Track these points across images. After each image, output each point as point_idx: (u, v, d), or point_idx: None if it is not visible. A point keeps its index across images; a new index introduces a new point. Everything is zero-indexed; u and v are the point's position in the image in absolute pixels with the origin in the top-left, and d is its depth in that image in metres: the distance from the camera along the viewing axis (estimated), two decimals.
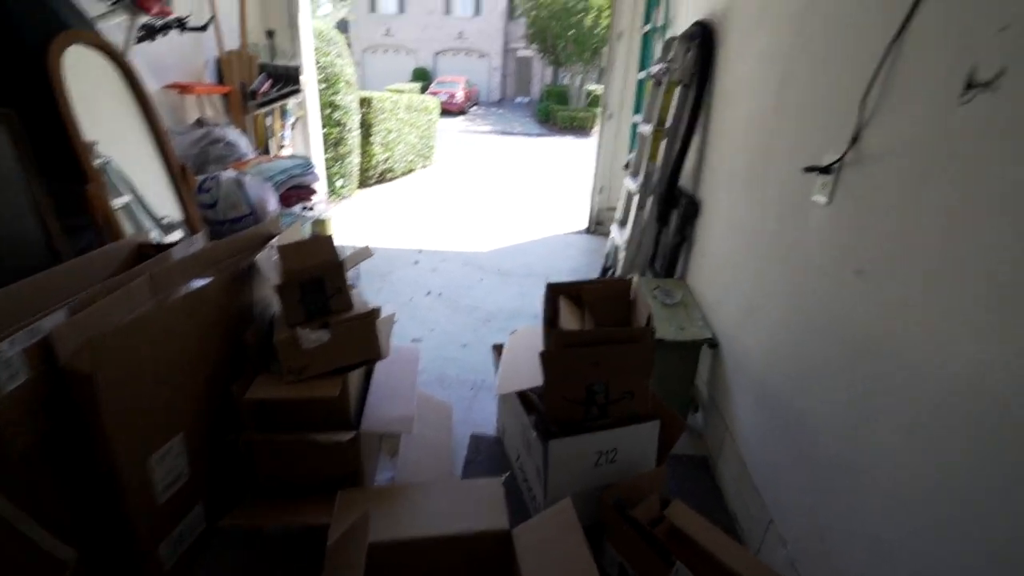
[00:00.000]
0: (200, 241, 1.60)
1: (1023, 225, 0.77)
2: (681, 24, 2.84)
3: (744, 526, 1.59)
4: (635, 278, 1.76)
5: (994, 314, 0.81)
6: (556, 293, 1.75)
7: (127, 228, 1.73)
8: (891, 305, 1.04)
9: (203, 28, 2.63)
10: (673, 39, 2.58)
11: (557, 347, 1.46)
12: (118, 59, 1.89)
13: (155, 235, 1.88)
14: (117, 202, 1.72)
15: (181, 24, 2.49)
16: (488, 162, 9.20)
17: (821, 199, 1.28)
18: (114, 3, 2.14)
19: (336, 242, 1.52)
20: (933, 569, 0.89)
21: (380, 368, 1.69)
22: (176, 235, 1.98)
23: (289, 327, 1.40)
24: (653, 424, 1.51)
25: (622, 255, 2.70)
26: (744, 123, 1.85)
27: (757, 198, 1.69)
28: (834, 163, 1.21)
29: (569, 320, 1.59)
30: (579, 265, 3.91)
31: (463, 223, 4.96)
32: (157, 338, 1.23)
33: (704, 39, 2.24)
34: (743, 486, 1.60)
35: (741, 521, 1.61)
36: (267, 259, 1.47)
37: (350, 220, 4.82)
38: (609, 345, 1.42)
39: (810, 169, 1.27)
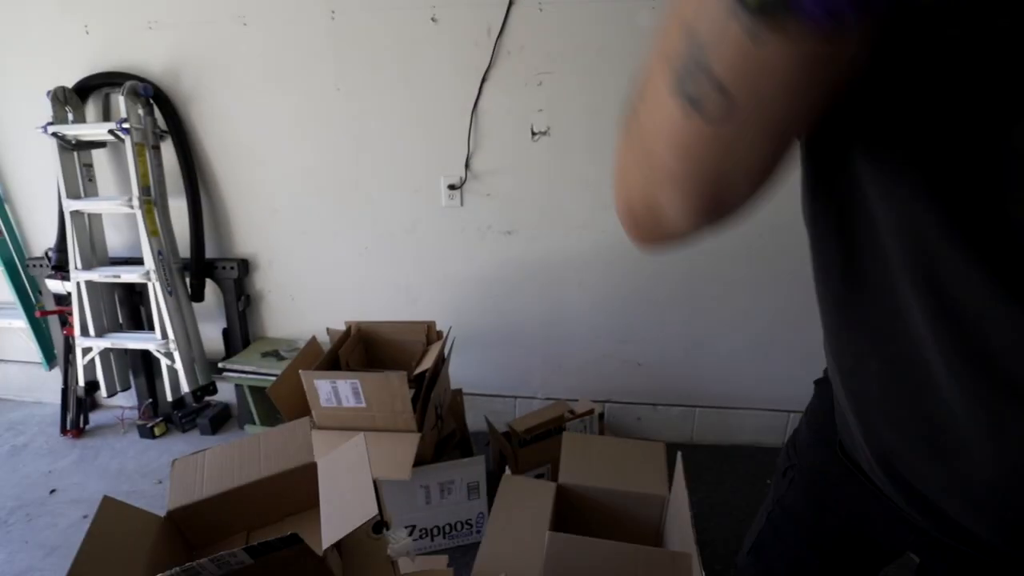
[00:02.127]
0: None
1: (580, 200, 1.95)
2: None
3: None
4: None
5: (621, 262, 1.99)
6: None
7: None
8: (540, 251, 2.04)
9: None
10: (66, 90, 2.05)
11: None
12: None
13: None
14: None
15: None
16: None
17: (454, 204, 2.02)
18: None
19: None
20: None
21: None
22: None
23: None
24: None
25: (173, 355, 2.13)
26: (303, 174, 2.10)
27: (368, 221, 2.12)
28: (462, 183, 1.98)
29: None
30: None
31: None
32: None
33: (161, 97, 2.05)
34: None
35: None
36: None
37: None
38: None
39: (452, 187, 1.97)
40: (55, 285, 2.22)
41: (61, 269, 2.18)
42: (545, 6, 1.79)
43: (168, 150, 2.13)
